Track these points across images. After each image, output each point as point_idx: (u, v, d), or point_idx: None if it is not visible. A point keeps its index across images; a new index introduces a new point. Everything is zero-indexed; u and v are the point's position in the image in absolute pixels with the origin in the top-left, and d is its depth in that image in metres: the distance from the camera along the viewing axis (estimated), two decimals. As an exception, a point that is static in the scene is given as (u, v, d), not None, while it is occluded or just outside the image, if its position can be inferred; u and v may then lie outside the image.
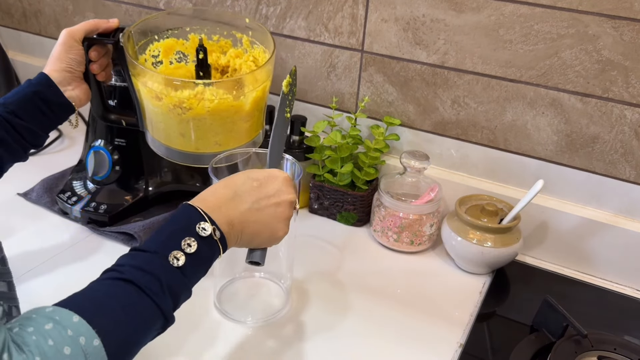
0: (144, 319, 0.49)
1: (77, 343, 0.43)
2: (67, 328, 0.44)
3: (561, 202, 0.92)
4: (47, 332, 0.43)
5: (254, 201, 0.60)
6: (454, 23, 0.89)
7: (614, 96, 0.84)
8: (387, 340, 0.76)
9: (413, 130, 1.00)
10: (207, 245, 0.55)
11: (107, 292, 0.48)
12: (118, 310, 0.47)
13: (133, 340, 0.48)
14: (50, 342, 0.42)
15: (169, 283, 0.51)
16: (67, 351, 0.42)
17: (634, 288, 0.90)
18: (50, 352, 0.42)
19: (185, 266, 0.53)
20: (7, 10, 1.35)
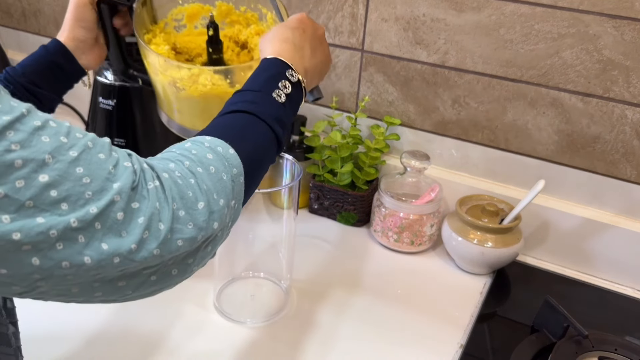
0: (266, 140, 0.54)
1: (216, 151, 0.48)
2: (204, 142, 0.48)
3: (562, 202, 0.92)
4: (187, 148, 0.48)
5: (309, 46, 0.64)
6: (454, 22, 0.89)
7: (614, 96, 0.83)
8: (387, 340, 0.76)
9: (413, 130, 1.00)
10: (296, 88, 0.60)
11: (232, 121, 0.54)
12: (246, 131, 0.53)
13: (260, 157, 0.54)
14: (193, 151, 0.47)
15: (277, 114, 0.56)
16: (209, 156, 0.47)
17: (634, 288, 0.90)
18: (197, 157, 0.47)
19: (285, 103, 0.58)
20: (7, 10, 1.35)
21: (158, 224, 0.41)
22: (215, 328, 0.77)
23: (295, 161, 0.76)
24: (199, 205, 0.44)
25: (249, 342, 0.75)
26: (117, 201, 0.39)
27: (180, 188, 0.43)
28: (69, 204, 0.36)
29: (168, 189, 0.42)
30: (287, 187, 0.76)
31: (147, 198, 0.41)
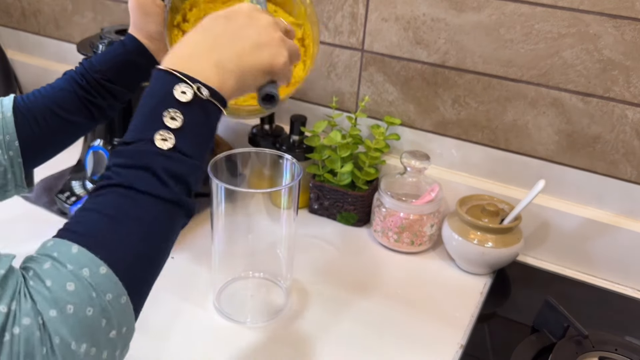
0: (152, 221, 0.43)
1: (80, 277, 0.39)
2: (67, 263, 0.39)
3: (562, 202, 0.92)
4: (45, 272, 0.39)
5: (232, 35, 0.50)
6: (454, 22, 0.89)
7: (615, 96, 0.83)
8: (387, 340, 0.76)
9: (413, 130, 1.00)
10: (197, 109, 0.46)
11: (101, 208, 0.42)
12: (119, 223, 0.42)
13: (146, 251, 0.43)
14: (48, 282, 0.38)
15: (165, 168, 0.44)
16: (70, 287, 0.38)
17: (635, 288, 0.90)
18: (52, 292, 0.38)
19: (177, 144, 0.44)
20: (6, 10, 1.35)
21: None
22: (215, 328, 0.76)
23: (295, 161, 0.76)
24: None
25: (249, 342, 0.74)
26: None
27: (35, 342, 0.36)
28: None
29: (25, 340, 0.36)
30: (287, 187, 0.75)
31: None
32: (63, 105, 0.66)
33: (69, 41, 1.30)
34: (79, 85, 0.67)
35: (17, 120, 0.63)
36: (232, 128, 1.16)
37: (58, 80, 0.69)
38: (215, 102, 0.47)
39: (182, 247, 0.92)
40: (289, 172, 0.79)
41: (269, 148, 0.89)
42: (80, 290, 0.38)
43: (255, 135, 1.06)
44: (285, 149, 1.01)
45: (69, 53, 1.31)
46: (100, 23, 1.24)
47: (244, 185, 0.94)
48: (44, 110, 0.65)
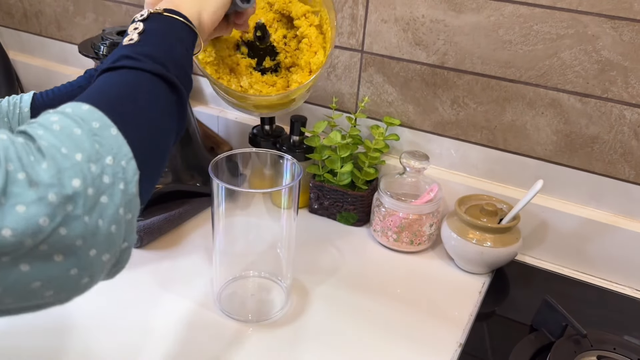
0: (134, 82, 0.47)
1: (63, 112, 0.40)
2: (58, 109, 0.41)
3: (561, 202, 0.92)
4: (54, 122, 0.39)
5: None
6: (453, 23, 0.90)
7: (613, 96, 0.84)
8: (386, 340, 0.76)
9: (413, 130, 1.00)
10: (153, 21, 0.53)
11: (95, 83, 0.47)
12: (105, 83, 0.46)
13: (133, 103, 0.45)
14: (56, 127, 0.39)
15: (134, 51, 0.48)
16: (54, 118, 0.39)
17: (633, 288, 0.90)
18: (38, 121, 0.39)
19: (142, 39, 0.50)
20: (8, 11, 1.36)
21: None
22: (215, 327, 0.77)
23: (295, 161, 0.77)
24: (42, 166, 0.36)
25: (249, 341, 0.75)
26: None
27: (17, 149, 0.36)
28: None
29: (3, 149, 0.35)
30: (287, 187, 0.76)
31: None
32: None
33: (71, 42, 1.30)
34: None
35: (33, 116, 0.64)
36: (232, 128, 1.16)
37: (79, 77, 0.70)
38: (172, 14, 0.54)
39: (183, 247, 0.92)
40: (289, 172, 0.79)
41: (269, 148, 0.90)
42: (63, 117, 0.39)
43: (256, 135, 1.06)
44: (286, 149, 1.02)
45: (70, 54, 1.31)
46: (102, 24, 1.24)
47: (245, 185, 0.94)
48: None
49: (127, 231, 0.41)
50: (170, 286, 0.83)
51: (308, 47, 0.77)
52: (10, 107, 0.64)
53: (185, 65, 0.52)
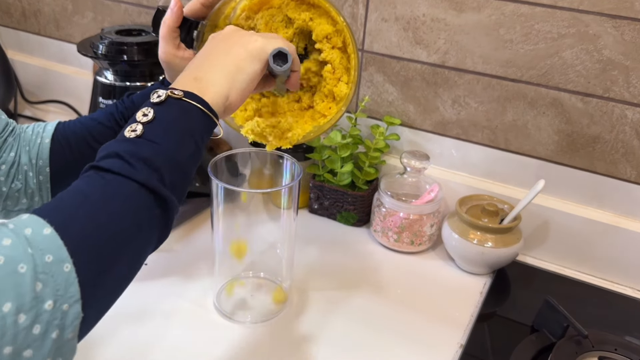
0: (119, 198, 0.41)
1: (19, 234, 0.36)
2: (11, 223, 0.37)
3: (562, 202, 0.92)
4: (2, 249, 0.35)
5: (207, 53, 0.54)
6: (454, 22, 0.89)
7: (614, 96, 0.83)
8: (387, 340, 0.76)
9: (413, 130, 1.00)
10: (169, 106, 0.47)
11: (74, 186, 0.42)
12: (84, 196, 0.40)
13: (107, 227, 0.40)
14: (1, 258, 0.34)
15: (129, 151, 0.43)
16: (6, 242, 0.35)
17: (635, 288, 0.90)
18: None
19: (144, 133, 0.45)
20: (6, 10, 1.35)
21: None
22: (215, 328, 0.77)
23: (295, 161, 0.76)
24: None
25: (249, 342, 0.75)
26: None
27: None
28: None
29: None
30: (287, 187, 0.76)
31: None
32: (99, 139, 0.66)
33: (70, 41, 1.30)
34: (117, 123, 0.67)
35: (53, 147, 0.64)
36: (232, 128, 1.16)
37: (100, 111, 0.69)
38: (191, 101, 0.48)
39: (183, 247, 0.92)
40: (289, 172, 0.79)
41: (269, 148, 0.89)
42: (16, 244, 0.35)
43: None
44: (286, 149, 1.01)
45: (69, 53, 1.31)
46: (101, 23, 1.24)
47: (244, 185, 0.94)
48: (80, 140, 0.66)
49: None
50: (170, 287, 0.83)
51: (331, 74, 0.69)
52: (32, 136, 0.64)
53: (189, 165, 0.48)
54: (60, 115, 1.32)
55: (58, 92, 1.34)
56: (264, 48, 0.54)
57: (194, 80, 0.50)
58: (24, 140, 0.64)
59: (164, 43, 0.64)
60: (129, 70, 0.97)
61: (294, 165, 0.77)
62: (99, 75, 1.00)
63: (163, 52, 0.65)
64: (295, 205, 0.77)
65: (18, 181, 0.63)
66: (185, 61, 0.65)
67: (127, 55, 0.94)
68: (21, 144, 0.63)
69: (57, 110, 1.35)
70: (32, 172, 0.63)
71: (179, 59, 0.65)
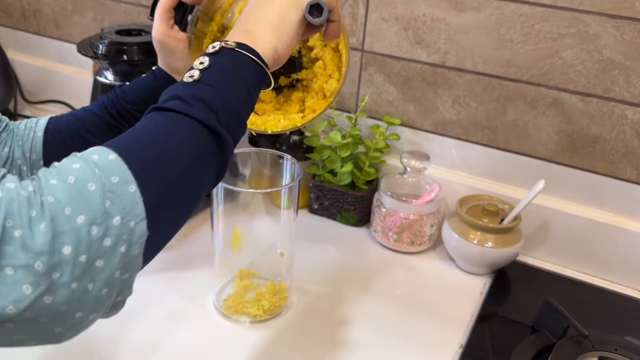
0: (177, 132, 0.44)
1: (87, 159, 0.39)
2: (85, 153, 0.40)
3: (562, 202, 0.92)
4: (72, 172, 0.38)
5: (255, 9, 0.55)
6: (454, 22, 0.89)
7: (615, 96, 0.83)
8: (387, 340, 0.76)
9: (413, 130, 1.00)
10: (223, 56, 0.50)
11: (139, 124, 0.45)
12: (146, 129, 0.44)
13: (166, 156, 0.42)
14: (71, 179, 0.38)
15: (188, 93, 0.46)
16: (75, 165, 0.38)
17: (635, 288, 0.90)
18: (57, 168, 0.38)
19: (203, 77, 0.48)
20: (6, 10, 1.35)
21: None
22: (215, 328, 0.76)
23: (295, 161, 0.76)
24: (40, 227, 0.35)
25: (249, 342, 0.75)
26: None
27: (20, 201, 0.35)
28: None
29: (7, 201, 0.34)
30: (287, 187, 0.75)
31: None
32: (91, 130, 0.67)
33: (69, 41, 1.30)
34: (109, 113, 0.68)
35: (46, 140, 0.65)
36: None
37: (93, 103, 0.70)
38: (244, 51, 0.50)
39: (183, 247, 0.92)
40: (289, 172, 0.79)
41: (269, 148, 0.90)
42: (84, 167, 0.38)
43: (255, 135, 1.06)
44: (285, 149, 1.01)
45: (69, 53, 1.31)
46: (100, 23, 1.24)
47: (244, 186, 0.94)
48: (73, 132, 0.66)
49: (122, 289, 0.40)
50: (170, 287, 0.83)
51: (322, 71, 0.70)
52: (25, 131, 0.65)
53: (243, 111, 0.50)
54: (60, 115, 1.32)
55: (58, 92, 1.34)
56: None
57: (244, 33, 0.52)
58: (17, 136, 0.64)
59: (158, 22, 0.67)
60: (129, 70, 0.97)
61: (294, 165, 0.77)
62: (98, 75, 0.99)
63: (157, 31, 0.67)
64: (295, 205, 0.76)
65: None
66: (178, 42, 0.68)
67: (127, 55, 0.94)
68: (14, 139, 0.64)
69: (57, 110, 1.35)
70: (26, 166, 0.64)
71: (171, 39, 0.67)
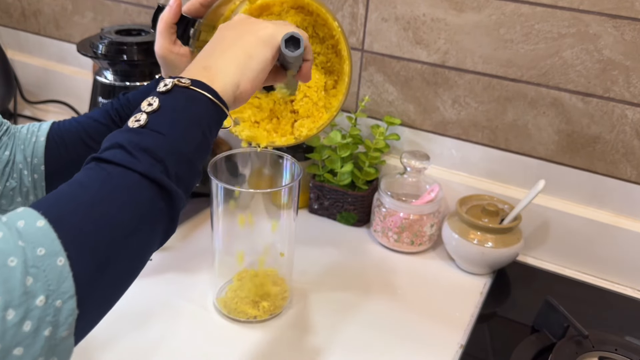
0: (120, 190, 0.40)
1: (11, 226, 0.35)
2: (4, 217, 0.35)
3: (562, 202, 0.92)
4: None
5: (217, 42, 0.52)
6: (454, 22, 0.89)
7: (615, 96, 0.83)
8: (387, 341, 0.76)
9: (413, 130, 1.00)
10: (176, 95, 0.46)
11: (75, 179, 0.41)
12: (84, 188, 0.39)
13: (106, 220, 0.38)
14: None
15: (132, 142, 0.42)
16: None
17: (635, 288, 0.90)
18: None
19: (148, 123, 0.43)
20: (6, 10, 1.35)
21: None
22: (215, 328, 0.76)
23: (295, 161, 0.76)
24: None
25: (249, 342, 0.74)
26: None
27: None
28: None
29: None
30: (287, 187, 0.75)
31: None
32: (94, 136, 0.66)
33: (69, 41, 1.30)
34: (112, 121, 0.67)
35: (48, 145, 0.64)
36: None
37: (96, 110, 0.69)
38: (199, 89, 0.47)
39: (183, 247, 0.92)
40: (289, 172, 0.79)
41: (269, 148, 0.89)
42: (7, 237, 0.34)
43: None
44: (285, 149, 1.01)
45: (69, 53, 1.30)
46: (101, 23, 1.24)
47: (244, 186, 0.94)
48: (76, 139, 0.66)
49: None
50: (170, 287, 0.83)
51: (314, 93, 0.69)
52: (28, 135, 0.64)
53: (196, 157, 0.46)
54: (60, 115, 1.32)
55: (58, 92, 1.34)
56: (275, 34, 0.52)
57: (202, 69, 0.49)
58: (19, 139, 0.64)
59: (160, 38, 0.65)
60: (129, 70, 0.96)
61: (294, 165, 0.77)
62: (98, 75, 0.99)
63: (159, 47, 0.66)
64: (295, 205, 0.76)
65: (13, 180, 0.63)
66: (180, 57, 0.66)
67: (126, 55, 0.94)
68: (16, 143, 0.63)
69: (56, 110, 1.35)
70: (27, 171, 0.63)
71: (174, 55, 0.66)
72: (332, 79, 0.71)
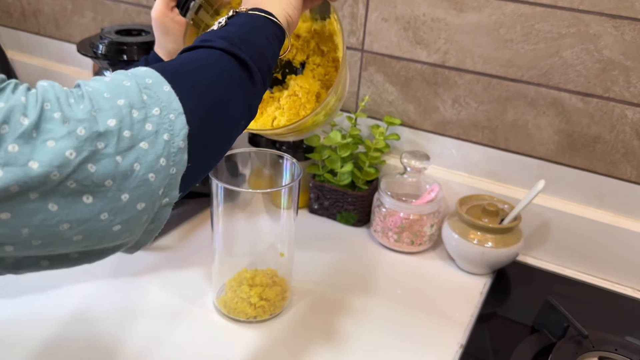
0: (200, 56, 0.47)
1: (127, 72, 0.42)
2: (131, 72, 0.42)
3: (562, 202, 0.92)
4: (107, 77, 0.41)
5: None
6: (454, 22, 0.89)
7: (615, 96, 0.83)
8: (387, 341, 0.76)
9: (413, 130, 1.00)
10: (240, 16, 0.53)
11: (168, 60, 0.48)
12: (185, 62, 0.46)
13: (199, 71, 0.45)
14: (107, 79, 0.41)
15: (210, 35, 0.50)
16: (127, 83, 0.40)
17: (635, 288, 0.90)
18: (107, 83, 0.40)
19: (221, 26, 0.52)
20: (6, 10, 1.35)
21: (20, 118, 0.34)
22: (215, 328, 0.76)
23: (295, 161, 0.76)
24: (80, 106, 0.37)
25: (249, 342, 0.74)
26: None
27: (57, 91, 0.37)
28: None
29: (42, 91, 0.36)
30: (287, 187, 0.75)
31: (11, 94, 0.35)
32: None
33: (69, 41, 1.30)
34: None
35: None
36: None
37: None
38: (257, 12, 0.54)
39: (183, 247, 0.92)
40: (289, 172, 0.79)
41: (269, 148, 0.89)
42: (116, 74, 0.41)
43: (255, 135, 1.06)
44: (285, 149, 1.01)
45: (69, 53, 1.31)
46: (100, 23, 1.24)
47: (244, 186, 0.94)
48: None
49: (169, 185, 0.41)
50: (170, 287, 0.83)
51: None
52: None
53: (264, 50, 0.51)
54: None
55: (58, 92, 1.34)
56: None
57: (254, 4, 0.55)
58: None
59: (159, 1, 0.67)
60: (129, 70, 0.97)
61: (294, 165, 0.77)
62: (98, 75, 0.99)
63: (156, 10, 0.68)
64: (295, 205, 0.76)
65: None
66: (175, 24, 0.69)
67: (126, 55, 0.94)
68: None
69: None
70: None
71: (168, 19, 0.68)
72: (326, 93, 0.72)
